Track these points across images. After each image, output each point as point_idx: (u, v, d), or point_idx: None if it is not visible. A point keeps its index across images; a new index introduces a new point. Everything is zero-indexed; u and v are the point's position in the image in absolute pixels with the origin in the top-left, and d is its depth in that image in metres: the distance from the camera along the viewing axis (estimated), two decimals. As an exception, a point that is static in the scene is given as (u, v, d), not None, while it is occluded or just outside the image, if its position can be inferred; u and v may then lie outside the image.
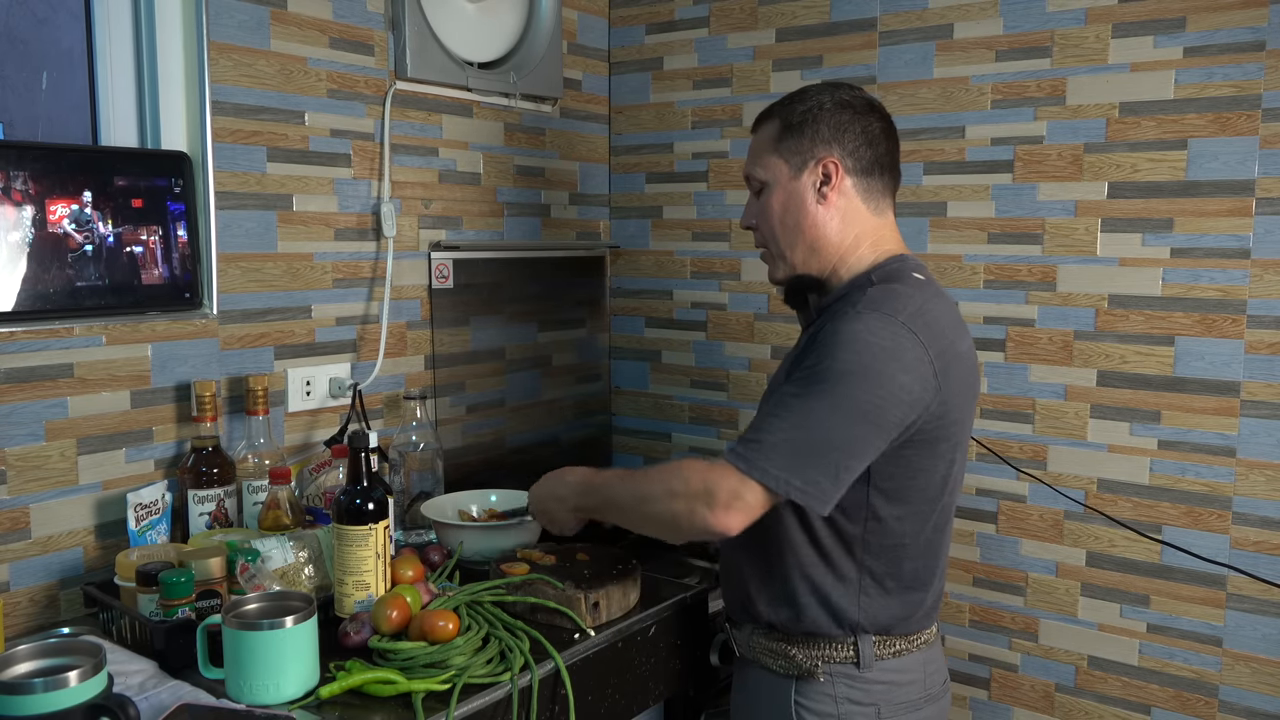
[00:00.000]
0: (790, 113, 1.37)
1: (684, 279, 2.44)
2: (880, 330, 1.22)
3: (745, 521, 1.21)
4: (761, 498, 1.20)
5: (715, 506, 1.20)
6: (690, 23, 2.37)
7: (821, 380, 1.20)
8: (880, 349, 1.21)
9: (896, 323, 1.22)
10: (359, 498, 1.39)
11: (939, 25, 2.03)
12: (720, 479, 1.20)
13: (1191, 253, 1.82)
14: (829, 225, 1.35)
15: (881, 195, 1.38)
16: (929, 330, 1.24)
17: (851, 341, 1.21)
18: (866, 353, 1.20)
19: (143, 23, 1.70)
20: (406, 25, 1.96)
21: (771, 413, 1.23)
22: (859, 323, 1.23)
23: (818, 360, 1.22)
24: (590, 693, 1.42)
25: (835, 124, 1.35)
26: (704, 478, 1.22)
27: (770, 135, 1.38)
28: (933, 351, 1.24)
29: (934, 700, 1.38)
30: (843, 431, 1.20)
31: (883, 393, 1.20)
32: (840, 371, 1.20)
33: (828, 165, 1.34)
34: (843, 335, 1.22)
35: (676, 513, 1.24)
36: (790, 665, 1.35)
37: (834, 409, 1.19)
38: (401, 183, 2.03)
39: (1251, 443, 1.79)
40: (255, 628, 1.20)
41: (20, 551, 1.50)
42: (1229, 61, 1.75)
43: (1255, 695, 1.81)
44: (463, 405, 2.19)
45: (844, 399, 1.19)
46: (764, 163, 1.39)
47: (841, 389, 1.20)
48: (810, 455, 1.19)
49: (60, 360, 1.54)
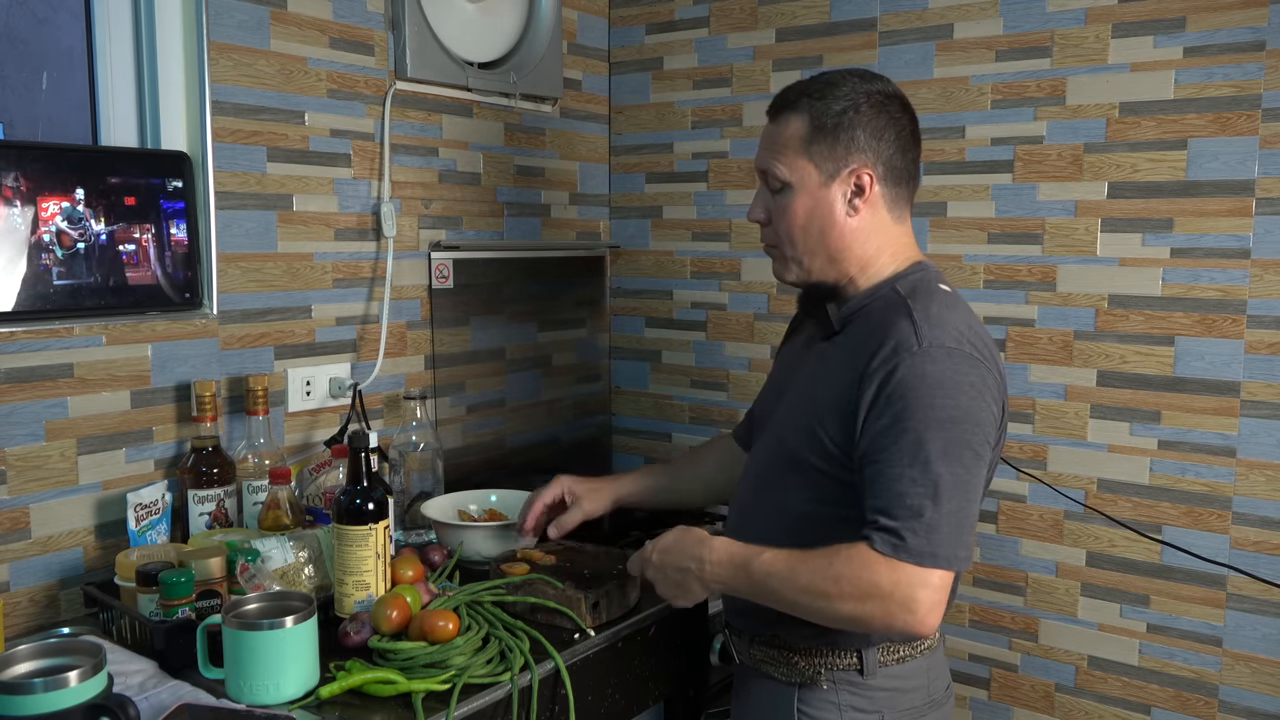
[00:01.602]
0: (823, 111, 1.28)
1: (684, 279, 2.44)
2: (961, 367, 1.19)
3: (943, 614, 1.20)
4: (949, 580, 1.19)
5: (918, 611, 1.16)
6: (690, 23, 2.37)
7: (934, 439, 1.17)
8: (969, 386, 1.19)
9: (964, 354, 1.20)
10: (359, 498, 1.39)
11: (939, 25, 2.03)
12: (916, 584, 1.16)
13: (1191, 253, 1.82)
14: (855, 237, 1.30)
15: (905, 203, 1.34)
16: (985, 350, 1.24)
17: (939, 387, 1.18)
18: (962, 396, 1.18)
19: (143, 23, 1.70)
20: (406, 25, 1.96)
21: (915, 491, 1.17)
22: (933, 365, 1.19)
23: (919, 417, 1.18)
24: (590, 693, 1.41)
25: (873, 129, 1.28)
26: (895, 581, 1.16)
27: (799, 134, 1.29)
28: (995, 371, 1.24)
29: (938, 706, 1.37)
30: (974, 484, 1.20)
31: (984, 430, 1.20)
32: (946, 421, 1.17)
33: (862, 176, 1.28)
34: (929, 382, 1.18)
35: (869, 617, 1.18)
36: (793, 673, 1.33)
37: (958, 464, 1.18)
38: (401, 183, 2.03)
39: (1251, 443, 1.79)
40: (255, 628, 1.20)
41: (20, 551, 1.50)
42: (1229, 61, 1.75)
43: (1255, 695, 1.81)
44: (463, 405, 2.19)
45: (962, 453, 1.18)
46: (790, 163, 1.29)
47: (955, 442, 1.17)
48: (964, 520, 1.18)
49: (60, 360, 1.54)
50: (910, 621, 1.16)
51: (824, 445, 1.27)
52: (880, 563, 1.16)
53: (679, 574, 1.31)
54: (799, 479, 1.31)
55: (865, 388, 1.22)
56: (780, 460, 1.35)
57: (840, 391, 1.25)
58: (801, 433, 1.31)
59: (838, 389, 1.26)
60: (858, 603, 1.17)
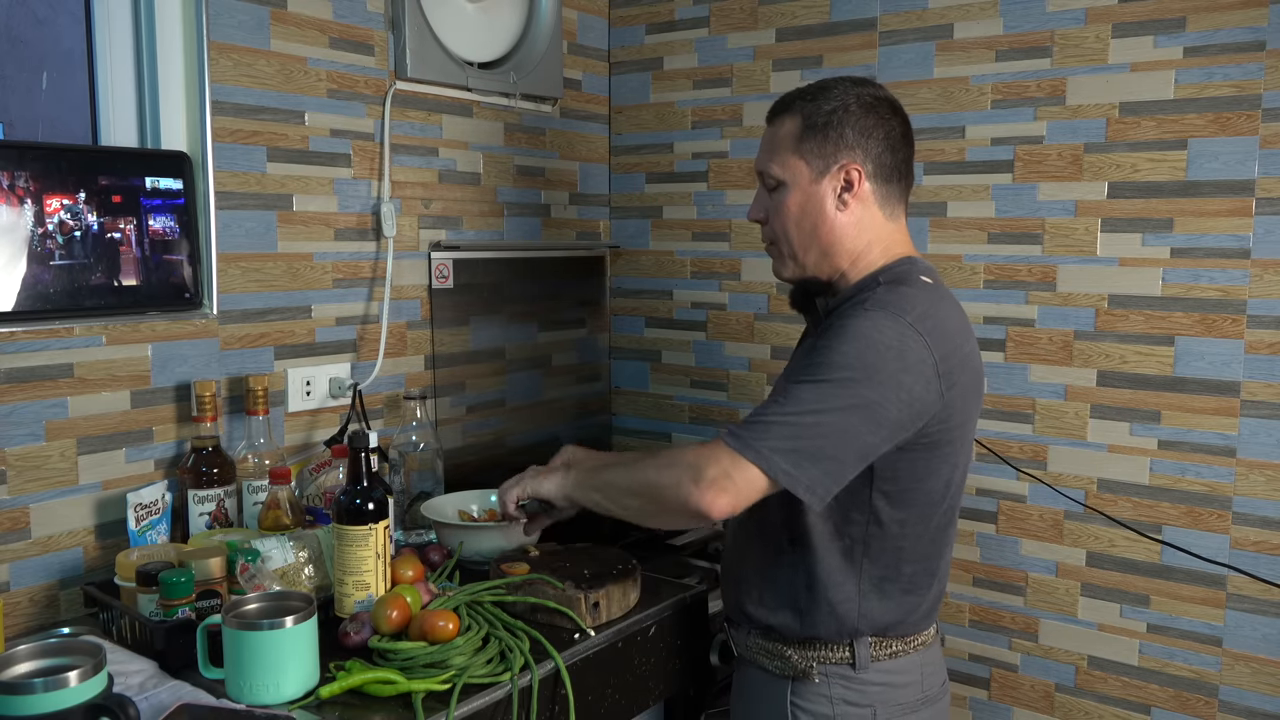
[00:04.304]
0: (814, 111, 1.33)
1: (684, 279, 2.44)
2: (886, 328, 1.21)
3: (731, 505, 1.18)
4: (752, 480, 1.17)
5: (701, 482, 1.17)
6: (690, 23, 2.37)
7: (823, 371, 1.20)
8: (884, 346, 1.20)
9: (903, 323, 1.22)
10: (359, 498, 1.39)
11: (939, 25, 2.03)
12: (710, 455, 1.19)
13: (1191, 253, 1.82)
14: (846, 231, 1.33)
15: (897, 201, 1.36)
16: (935, 333, 1.24)
17: (856, 337, 1.21)
18: (870, 350, 1.20)
19: (143, 23, 1.70)
20: (406, 25, 1.96)
21: (771, 399, 1.23)
22: (865, 320, 1.22)
23: (822, 354, 1.22)
24: (590, 693, 1.41)
25: (861, 128, 1.31)
26: (696, 453, 1.20)
27: (791, 133, 1.34)
28: (937, 354, 1.23)
29: (932, 702, 1.37)
30: (839, 422, 1.18)
31: (883, 390, 1.19)
32: (842, 364, 1.19)
33: (850, 172, 1.32)
34: (849, 331, 1.22)
35: (662, 485, 1.22)
36: (786, 666, 1.35)
37: (832, 400, 1.18)
38: (401, 183, 2.03)
39: (1251, 443, 1.79)
40: (255, 628, 1.20)
41: (20, 551, 1.50)
42: (1229, 61, 1.75)
43: (1255, 695, 1.81)
44: (463, 405, 2.19)
45: (844, 392, 1.18)
46: (782, 161, 1.35)
47: (842, 382, 1.19)
48: (806, 444, 1.17)
49: (60, 360, 1.54)
50: (692, 491, 1.18)
51: None
52: (698, 445, 1.22)
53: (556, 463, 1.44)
54: None
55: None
56: None
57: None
58: None
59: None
60: (659, 470, 1.23)
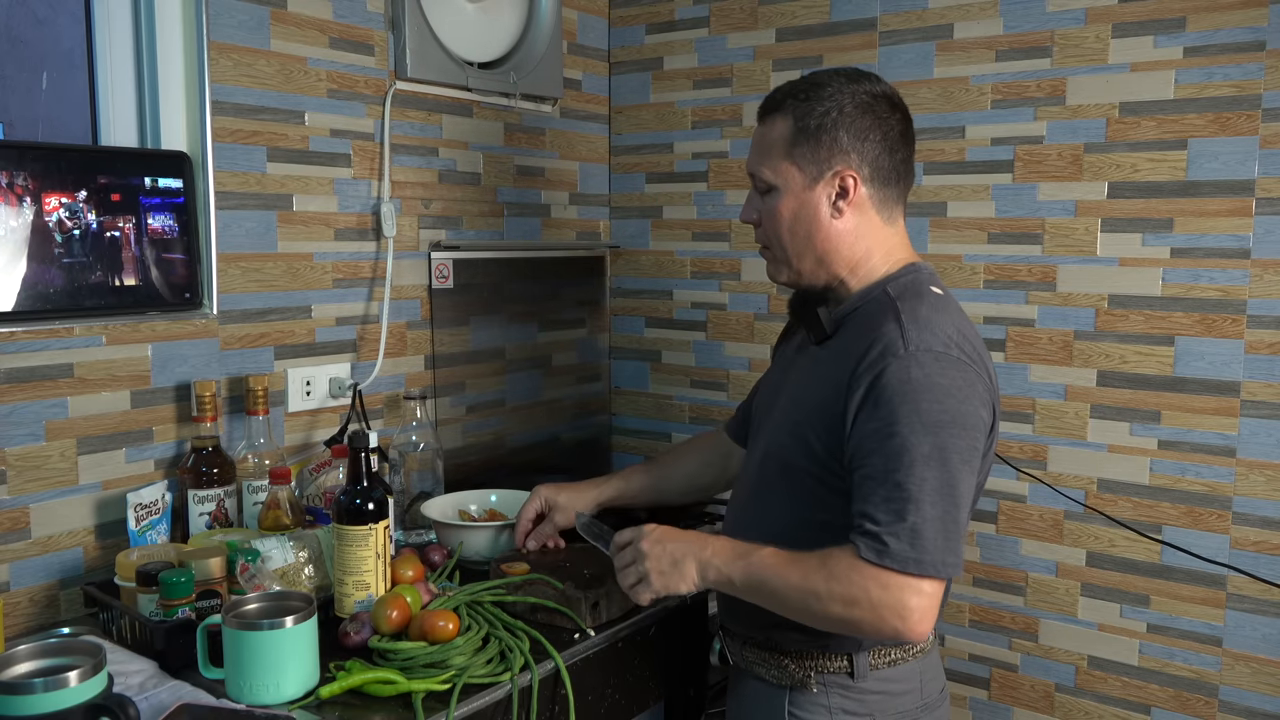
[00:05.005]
0: (807, 113, 1.27)
1: (684, 279, 2.44)
2: (949, 371, 1.18)
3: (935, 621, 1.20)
4: (939, 588, 1.18)
5: (909, 619, 1.15)
6: (690, 23, 2.37)
7: (917, 442, 1.16)
8: (956, 390, 1.18)
9: (951, 359, 1.19)
10: (359, 498, 1.39)
11: (939, 25, 2.03)
12: (907, 591, 1.15)
13: (1191, 253, 1.82)
14: (842, 239, 1.29)
15: (895, 203, 1.32)
16: (974, 354, 1.23)
17: (926, 391, 1.17)
18: (949, 400, 1.17)
19: (143, 23, 1.70)
20: (406, 25, 1.96)
21: (899, 494, 1.16)
22: (919, 369, 1.18)
23: (903, 424, 1.17)
24: (590, 693, 1.41)
25: (856, 131, 1.26)
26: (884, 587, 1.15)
27: (783, 136, 1.29)
28: (984, 375, 1.23)
29: (931, 709, 1.36)
30: (960, 487, 1.18)
31: (972, 433, 1.19)
32: (932, 425, 1.16)
33: (846, 179, 1.27)
34: (915, 386, 1.17)
35: (860, 621, 1.17)
36: (783, 675, 1.33)
37: (945, 471, 1.16)
38: (401, 183, 2.03)
39: (1251, 443, 1.79)
40: (255, 628, 1.20)
41: (20, 551, 1.50)
42: (1229, 61, 1.75)
43: (1255, 695, 1.81)
44: (463, 405, 2.19)
45: (949, 457, 1.16)
46: (774, 166, 1.30)
47: (942, 449, 1.16)
48: (951, 526, 1.17)
49: (60, 360, 1.54)
50: (901, 628, 1.16)
51: (813, 450, 1.27)
52: (867, 569, 1.16)
53: (679, 551, 1.28)
54: (791, 484, 1.31)
55: (853, 392, 1.21)
56: (772, 465, 1.35)
57: (828, 396, 1.25)
58: (792, 437, 1.30)
59: (826, 393, 1.26)
60: (845, 607, 1.17)
